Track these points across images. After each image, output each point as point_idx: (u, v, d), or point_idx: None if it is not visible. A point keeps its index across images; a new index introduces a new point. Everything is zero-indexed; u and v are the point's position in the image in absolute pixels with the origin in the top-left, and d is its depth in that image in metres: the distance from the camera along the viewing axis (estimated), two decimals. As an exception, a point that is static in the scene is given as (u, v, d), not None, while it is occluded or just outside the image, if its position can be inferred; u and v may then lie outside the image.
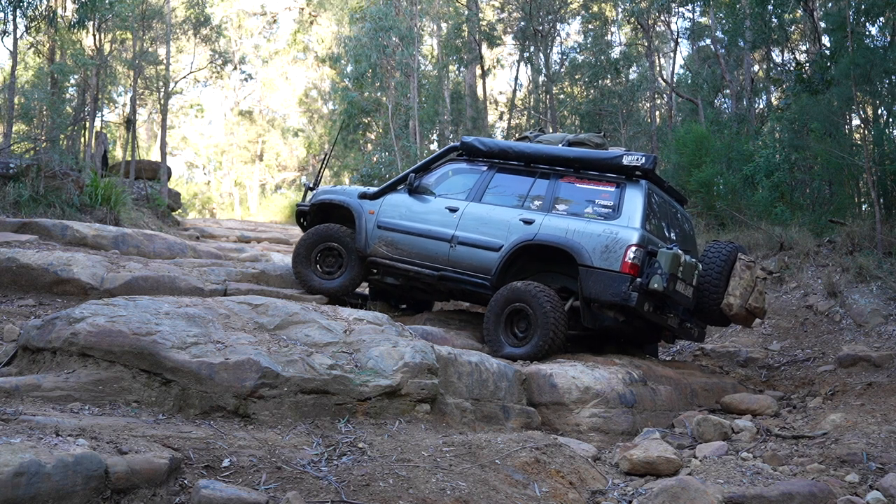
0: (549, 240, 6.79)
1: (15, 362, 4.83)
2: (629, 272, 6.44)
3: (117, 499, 3.26)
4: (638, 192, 6.78)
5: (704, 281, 6.93)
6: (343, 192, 8.15)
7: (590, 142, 7.50)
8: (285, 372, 4.57)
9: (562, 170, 7.19)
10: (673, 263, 6.39)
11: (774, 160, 12.02)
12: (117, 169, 18.52)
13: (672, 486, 4.21)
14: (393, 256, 7.57)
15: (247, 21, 36.66)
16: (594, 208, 6.87)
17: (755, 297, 6.97)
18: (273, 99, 38.97)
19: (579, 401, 5.90)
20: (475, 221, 7.22)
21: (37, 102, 15.55)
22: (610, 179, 6.95)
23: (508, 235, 7.00)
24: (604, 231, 6.63)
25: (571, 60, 23.72)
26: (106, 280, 7.25)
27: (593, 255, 6.59)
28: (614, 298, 6.49)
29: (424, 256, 7.40)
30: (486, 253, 7.07)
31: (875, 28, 11.95)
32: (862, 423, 5.77)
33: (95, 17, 15.46)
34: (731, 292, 6.91)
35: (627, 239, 6.52)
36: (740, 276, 6.93)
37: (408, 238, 7.50)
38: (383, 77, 22.26)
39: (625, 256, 6.47)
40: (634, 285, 6.40)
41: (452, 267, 7.25)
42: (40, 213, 10.73)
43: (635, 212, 6.68)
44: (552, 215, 6.95)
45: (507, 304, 6.76)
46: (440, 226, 7.36)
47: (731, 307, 6.92)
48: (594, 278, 6.56)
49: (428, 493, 3.76)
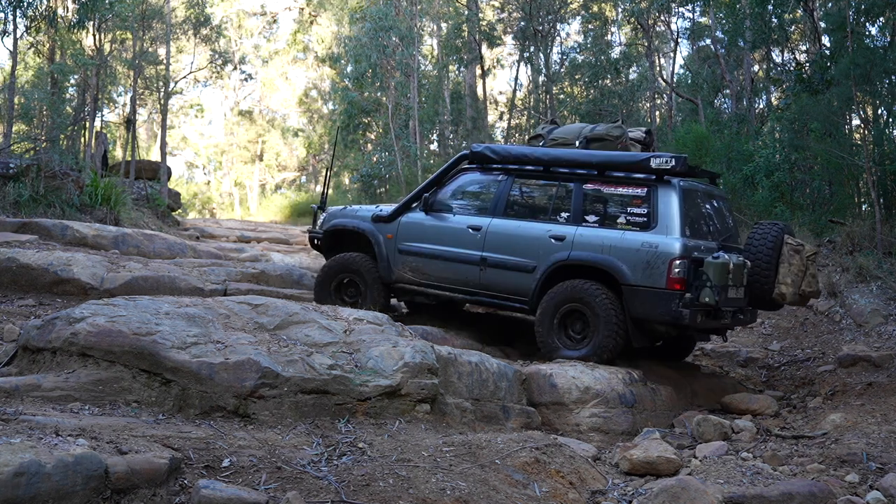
0: (585, 259, 6.40)
1: (15, 362, 4.83)
2: (676, 288, 6.04)
3: (117, 499, 3.26)
4: (672, 195, 6.30)
5: (754, 274, 6.51)
6: (355, 216, 7.69)
7: (608, 136, 7.02)
8: (285, 372, 4.57)
9: (585, 174, 6.72)
10: (722, 274, 6.03)
11: (774, 160, 12.02)
12: (117, 169, 18.53)
13: (672, 486, 4.21)
14: (420, 282, 7.23)
15: (247, 21, 36.67)
16: (627, 217, 6.42)
17: (808, 281, 6.58)
18: (273, 99, 38.99)
19: (579, 401, 5.90)
20: (502, 240, 6.82)
21: (37, 102, 15.57)
22: (639, 181, 6.48)
23: (540, 255, 6.59)
24: (643, 245, 6.18)
25: (571, 60, 23.73)
26: (106, 280, 7.26)
27: (635, 272, 6.17)
28: (665, 317, 6.14)
29: (454, 280, 7.04)
30: (519, 275, 6.69)
31: (875, 28, 11.95)
32: (862, 423, 5.77)
33: (95, 17, 15.46)
34: (783, 280, 6.49)
35: (669, 252, 6.08)
36: (789, 262, 6.52)
37: (433, 262, 7.12)
38: (383, 77, 22.26)
39: (669, 272, 6.05)
40: (685, 301, 6.03)
41: (485, 290, 6.92)
42: (40, 213, 10.74)
43: (672, 218, 6.22)
44: (583, 228, 6.52)
45: (564, 304, 6.45)
46: (466, 247, 6.96)
47: (784, 296, 6.57)
48: (640, 298, 6.17)
49: (428, 493, 3.76)
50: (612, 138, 7.00)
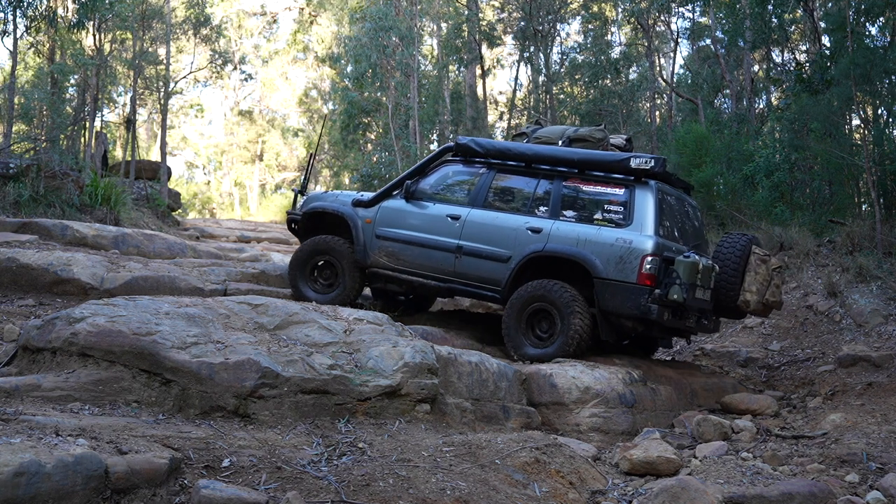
0: (560, 251, 6.55)
1: (15, 362, 4.83)
2: (646, 283, 6.23)
3: (117, 499, 3.26)
4: (649, 195, 6.51)
5: (721, 279, 6.73)
6: (336, 200, 7.81)
7: (591, 137, 7.19)
8: (285, 372, 4.57)
9: (565, 171, 6.90)
10: (692, 272, 6.22)
11: (774, 160, 12.02)
12: (117, 169, 18.53)
13: (672, 486, 4.21)
14: (395, 267, 7.32)
15: (247, 21, 36.69)
16: (604, 214, 6.60)
17: (772, 290, 6.80)
18: (273, 99, 38.99)
19: (579, 401, 5.90)
20: (479, 230, 6.95)
21: (37, 102, 15.57)
22: (617, 181, 6.68)
23: (516, 245, 6.74)
24: (616, 240, 6.38)
25: (571, 60, 23.72)
26: (106, 280, 7.25)
27: (608, 266, 6.36)
28: (633, 311, 6.31)
29: (429, 267, 7.14)
30: (493, 264, 6.83)
31: (875, 28, 11.95)
32: (862, 423, 5.77)
33: (95, 17, 15.46)
34: (748, 288, 6.73)
35: (642, 248, 6.29)
36: (756, 272, 6.75)
37: (410, 248, 7.23)
38: (383, 77, 22.26)
39: (641, 267, 6.24)
40: (654, 297, 6.22)
41: (459, 278, 7.02)
42: (40, 213, 10.74)
43: (647, 217, 6.43)
44: (560, 222, 6.69)
45: (530, 304, 6.58)
46: (443, 235, 7.08)
47: (748, 304, 6.78)
48: (610, 291, 6.35)
49: (428, 493, 3.76)
50: (594, 140, 7.18)
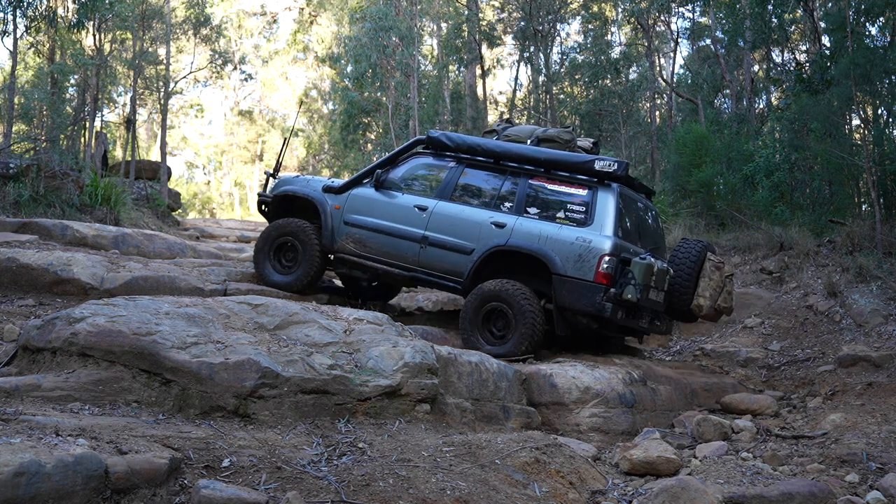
0: (521, 246, 6.71)
1: (15, 362, 4.83)
2: (603, 282, 6.41)
3: (117, 499, 3.26)
4: (610, 197, 6.69)
5: (675, 283, 6.92)
6: (306, 185, 7.92)
7: (559, 138, 7.34)
8: (285, 372, 4.57)
9: (532, 169, 7.05)
10: (646, 274, 6.40)
11: (774, 160, 12.02)
12: (117, 169, 18.53)
13: (672, 486, 4.21)
14: (361, 254, 7.45)
15: (247, 21, 36.69)
16: (566, 213, 6.77)
17: (724, 297, 7.01)
18: (273, 99, 38.99)
19: (579, 401, 5.90)
20: (445, 222, 7.08)
21: (37, 102, 15.57)
22: (581, 182, 6.84)
23: (480, 239, 6.88)
24: (576, 239, 6.56)
25: (571, 60, 23.72)
26: (106, 280, 7.25)
27: (566, 263, 6.53)
28: (588, 308, 6.48)
29: (394, 256, 7.27)
30: (457, 256, 6.97)
31: (875, 28, 11.95)
32: (862, 423, 5.77)
33: (95, 18, 15.46)
34: (701, 293, 6.93)
35: (600, 248, 6.47)
36: (710, 278, 6.94)
37: (376, 236, 7.35)
38: (383, 77, 22.26)
39: (598, 266, 6.42)
40: (608, 296, 6.40)
41: (423, 268, 7.16)
42: (40, 213, 10.74)
43: (607, 218, 6.60)
44: (524, 219, 6.84)
45: (485, 303, 6.72)
46: (410, 225, 7.21)
47: (700, 308, 6.98)
48: (568, 287, 6.52)
49: (428, 493, 3.76)
50: (561, 141, 7.34)
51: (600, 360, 6.73)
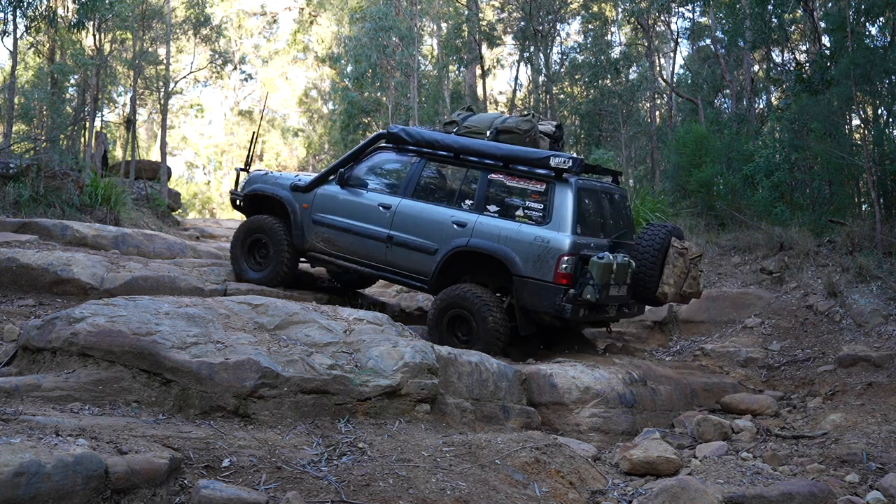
0: (482, 247, 6.72)
1: (15, 362, 4.83)
2: (562, 283, 6.40)
3: (117, 499, 3.26)
4: (568, 193, 6.62)
5: (639, 272, 6.90)
6: (276, 182, 7.99)
7: (517, 129, 7.22)
8: (285, 372, 4.57)
9: (491, 163, 7.00)
10: (604, 273, 6.37)
11: (774, 160, 12.01)
12: (117, 169, 18.53)
13: (672, 486, 4.21)
14: (331, 252, 7.57)
15: (247, 21, 36.66)
16: (525, 210, 6.74)
17: (689, 283, 6.98)
18: (273, 99, 38.97)
19: (579, 401, 5.90)
20: (408, 221, 7.12)
21: (37, 102, 15.56)
22: (539, 177, 6.78)
23: (442, 239, 6.91)
24: (535, 239, 6.53)
25: (571, 60, 23.71)
26: (106, 280, 7.25)
27: (526, 264, 6.52)
28: (549, 310, 6.49)
29: (362, 255, 7.36)
30: (421, 255, 7.01)
31: (875, 28, 11.94)
32: (862, 423, 5.77)
33: (95, 18, 15.46)
34: (666, 281, 6.89)
35: (559, 248, 6.44)
36: (673, 265, 6.90)
37: (344, 235, 7.44)
38: (383, 77, 22.26)
39: (557, 267, 6.40)
40: (568, 297, 6.39)
41: (391, 266, 7.24)
42: (40, 213, 10.73)
43: (565, 216, 6.55)
44: (484, 217, 6.83)
45: (448, 310, 6.74)
46: (375, 224, 7.26)
47: (665, 296, 6.97)
48: (528, 289, 6.52)
49: (428, 493, 3.76)
50: (520, 131, 7.21)
51: (600, 360, 6.73)
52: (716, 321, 9.13)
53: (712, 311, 9.23)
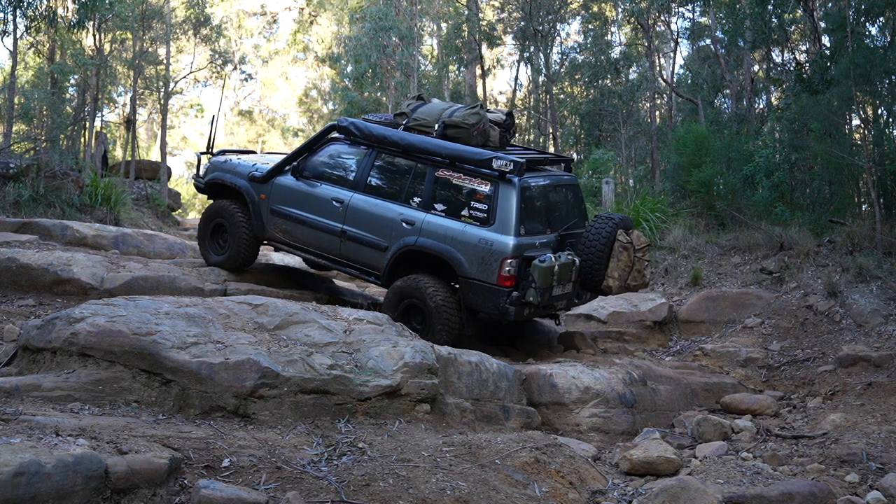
0: (430, 247, 6.81)
1: (15, 362, 4.83)
2: (506, 285, 6.47)
3: (117, 499, 3.26)
4: (512, 194, 6.63)
5: (585, 266, 6.97)
6: (234, 171, 8.04)
7: (464, 123, 7.16)
8: (285, 372, 4.57)
9: (438, 160, 7.01)
10: (546, 276, 6.43)
11: (774, 160, 12.00)
12: (117, 169, 18.53)
13: (672, 486, 4.21)
14: (290, 243, 7.72)
15: (247, 21, 36.62)
16: (470, 210, 6.77)
17: (633, 276, 7.08)
18: (273, 99, 38.95)
19: (579, 401, 5.90)
20: (360, 217, 7.22)
21: (37, 102, 15.56)
22: (484, 176, 6.79)
23: (392, 236, 7.01)
24: (479, 241, 6.59)
25: (571, 60, 23.71)
26: (106, 280, 7.25)
27: (471, 266, 6.60)
28: (493, 311, 6.58)
29: (319, 247, 7.50)
30: (373, 251, 7.13)
31: (875, 28, 11.93)
32: (862, 423, 5.77)
33: (95, 18, 15.45)
34: (611, 274, 6.98)
35: (502, 251, 6.49)
36: (618, 259, 6.97)
37: (301, 228, 7.56)
38: (383, 77, 22.26)
39: (500, 270, 6.46)
40: (511, 299, 6.46)
41: (346, 260, 7.37)
42: (40, 213, 10.74)
43: (509, 217, 6.58)
44: (431, 216, 6.88)
45: (403, 300, 6.85)
46: (329, 218, 7.36)
47: (610, 289, 7.07)
48: (474, 290, 6.61)
49: (428, 493, 3.76)
50: (467, 126, 7.16)
51: (600, 360, 6.73)
52: (716, 321, 9.13)
53: (712, 311, 9.23)
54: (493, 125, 7.40)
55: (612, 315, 9.15)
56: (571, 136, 24.12)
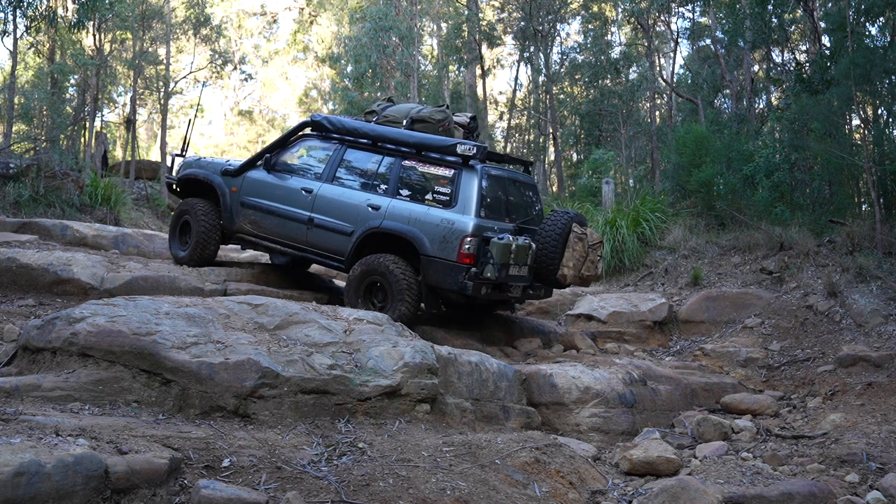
0: (394, 229, 7.08)
1: (15, 362, 4.83)
2: (465, 262, 6.77)
3: (117, 499, 3.26)
4: (474, 179, 6.99)
5: (541, 255, 7.21)
6: (208, 167, 8.39)
7: (430, 119, 7.63)
8: (285, 372, 4.57)
9: (405, 151, 7.37)
10: (504, 253, 6.72)
11: (774, 160, 12.00)
12: (117, 169, 18.54)
13: (672, 486, 4.21)
14: (258, 234, 7.95)
15: (247, 21, 36.64)
16: (434, 195, 7.11)
17: (587, 266, 7.33)
18: (273, 99, 38.95)
19: (579, 401, 5.90)
20: (328, 205, 7.49)
21: (37, 102, 15.57)
22: (448, 163, 7.15)
23: (358, 221, 7.28)
24: (441, 221, 6.91)
25: (571, 60, 23.72)
26: (106, 280, 7.25)
27: (433, 245, 6.89)
28: (452, 287, 6.85)
29: (285, 236, 7.73)
30: (339, 237, 7.37)
31: (875, 28, 11.94)
32: (862, 423, 5.77)
33: (95, 18, 15.47)
34: (566, 263, 7.22)
35: (462, 229, 6.80)
36: (573, 248, 7.24)
37: (269, 218, 7.81)
38: (383, 77, 22.26)
39: (460, 247, 6.77)
40: (469, 275, 6.74)
41: (311, 247, 7.60)
42: (40, 213, 10.74)
43: (470, 199, 6.91)
44: (396, 200, 7.19)
45: (365, 278, 7.09)
46: (298, 207, 7.63)
47: (565, 278, 7.29)
48: (434, 267, 6.89)
49: (428, 493, 3.76)
50: (433, 121, 7.65)
51: (600, 360, 6.73)
52: (716, 321, 9.13)
53: (712, 311, 9.23)
54: (457, 126, 7.91)
55: (612, 315, 9.16)
56: (571, 136, 24.12)
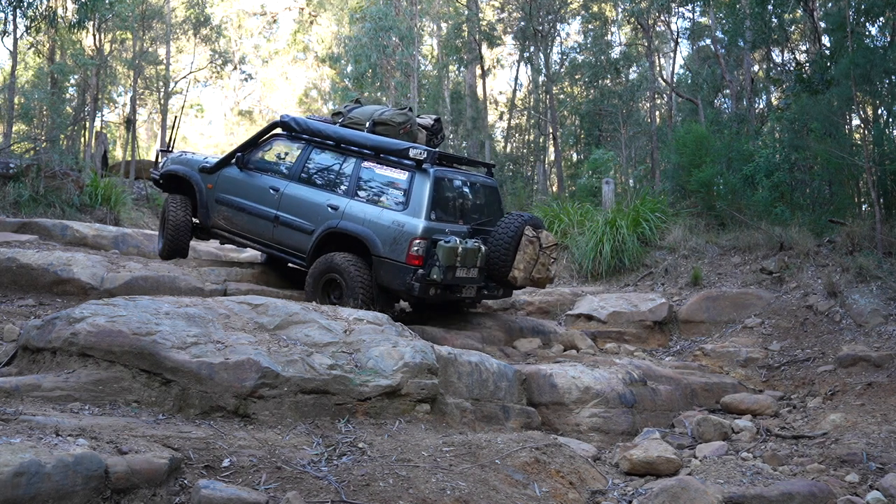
0: (349, 229, 7.29)
1: (15, 362, 4.83)
2: (414, 263, 6.94)
3: (117, 499, 3.26)
4: (426, 182, 7.17)
5: (492, 257, 7.35)
6: (188, 163, 8.66)
7: (391, 122, 7.80)
8: (285, 372, 4.57)
9: (365, 153, 7.57)
10: (449, 256, 6.87)
11: (774, 160, 12.00)
12: (117, 169, 18.54)
13: (672, 486, 4.21)
14: (230, 230, 8.25)
15: (247, 21, 36.64)
16: (388, 197, 7.31)
17: (538, 269, 7.45)
18: (273, 99, 38.95)
19: (579, 401, 5.90)
20: (292, 203, 7.74)
21: (37, 102, 15.58)
22: (403, 166, 7.32)
23: (318, 220, 7.51)
24: (392, 223, 7.11)
25: (571, 60, 23.72)
26: (106, 280, 7.25)
27: (384, 245, 7.09)
28: (400, 287, 7.03)
29: (254, 233, 8.02)
30: (301, 235, 7.61)
31: (875, 28, 11.94)
32: (862, 423, 5.77)
33: (95, 18, 15.47)
34: (517, 265, 7.34)
35: (412, 231, 6.98)
36: (524, 251, 7.35)
37: (240, 214, 8.09)
38: (383, 77, 22.26)
39: (409, 249, 6.94)
40: (417, 276, 6.91)
41: (277, 244, 7.85)
42: (40, 213, 10.74)
43: (422, 202, 7.10)
44: (354, 201, 7.41)
45: (323, 275, 7.27)
46: (265, 205, 7.90)
47: (515, 280, 7.41)
48: (385, 268, 7.08)
49: (428, 493, 3.76)
50: (394, 124, 7.85)
51: (600, 360, 6.73)
52: (716, 321, 9.13)
53: (712, 311, 9.23)
54: (421, 128, 8.08)
55: (612, 315, 9.16)
56: (571, 136, 24.12)
